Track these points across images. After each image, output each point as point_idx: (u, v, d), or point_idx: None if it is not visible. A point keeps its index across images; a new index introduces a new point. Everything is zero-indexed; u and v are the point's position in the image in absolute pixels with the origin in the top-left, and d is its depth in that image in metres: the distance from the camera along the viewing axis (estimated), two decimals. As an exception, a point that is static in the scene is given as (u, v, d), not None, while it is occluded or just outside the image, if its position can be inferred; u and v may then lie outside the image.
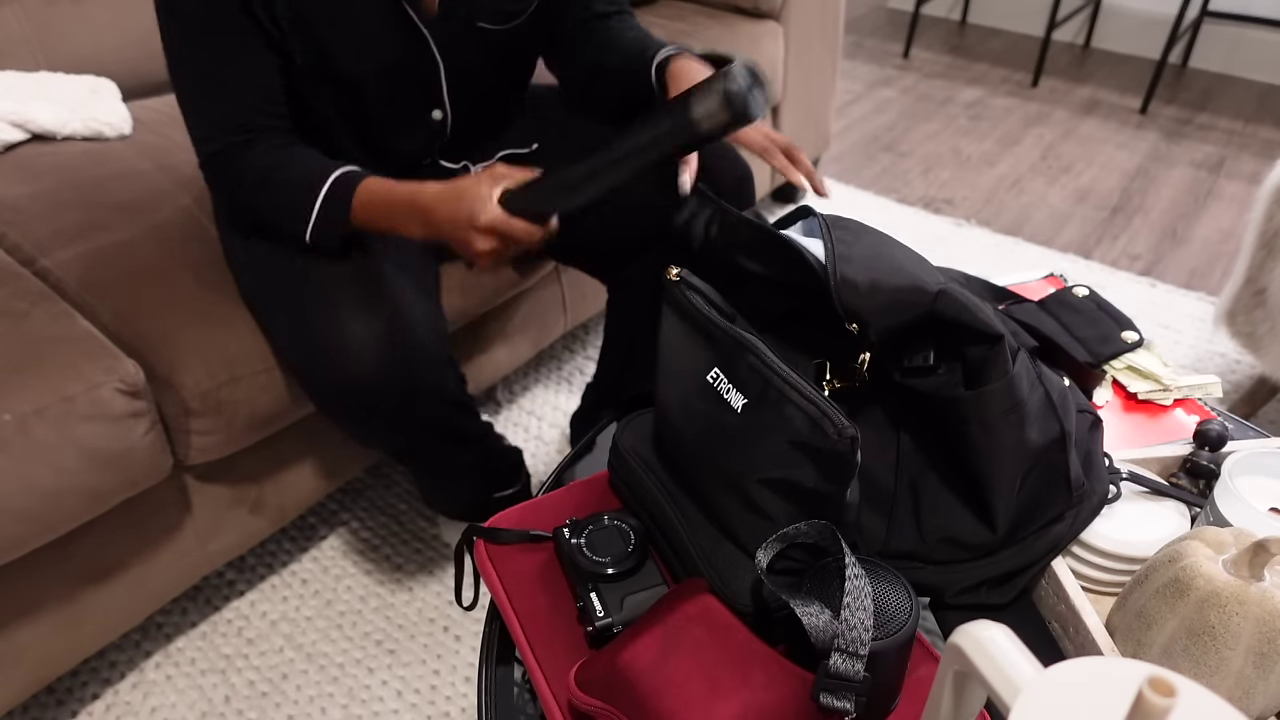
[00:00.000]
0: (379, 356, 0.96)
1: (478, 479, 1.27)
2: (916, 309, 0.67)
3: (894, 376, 0.70)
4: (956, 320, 0.66)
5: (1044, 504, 0.71)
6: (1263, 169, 2.50)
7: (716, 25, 1.84)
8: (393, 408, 1.01)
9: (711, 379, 0.69)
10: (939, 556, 0.71)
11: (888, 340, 0.68)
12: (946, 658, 0.45)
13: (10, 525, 0.91)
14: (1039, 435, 0.69)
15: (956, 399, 0.67)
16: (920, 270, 0.69)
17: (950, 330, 0.67)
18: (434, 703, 1.21)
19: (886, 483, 0.72)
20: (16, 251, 1.12)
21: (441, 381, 1.05)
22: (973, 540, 0.70)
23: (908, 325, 0.67)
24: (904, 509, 0.72)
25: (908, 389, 0.70)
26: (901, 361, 0.69)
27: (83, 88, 1.35)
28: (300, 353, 0.99)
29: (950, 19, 3.56)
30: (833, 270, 0.67)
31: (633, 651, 0.60)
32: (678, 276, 0.73)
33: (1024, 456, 0.68)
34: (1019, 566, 0.71)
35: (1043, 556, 0.71)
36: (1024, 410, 0.67)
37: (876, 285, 0.67)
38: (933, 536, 0.71)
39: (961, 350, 0.68)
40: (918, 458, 0.72)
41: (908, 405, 0.71)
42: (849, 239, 0.70)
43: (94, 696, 1.20)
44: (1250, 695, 0.58)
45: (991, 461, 0.67)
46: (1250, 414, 1.64)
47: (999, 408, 0.66)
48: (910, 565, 0.71)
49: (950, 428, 0.68)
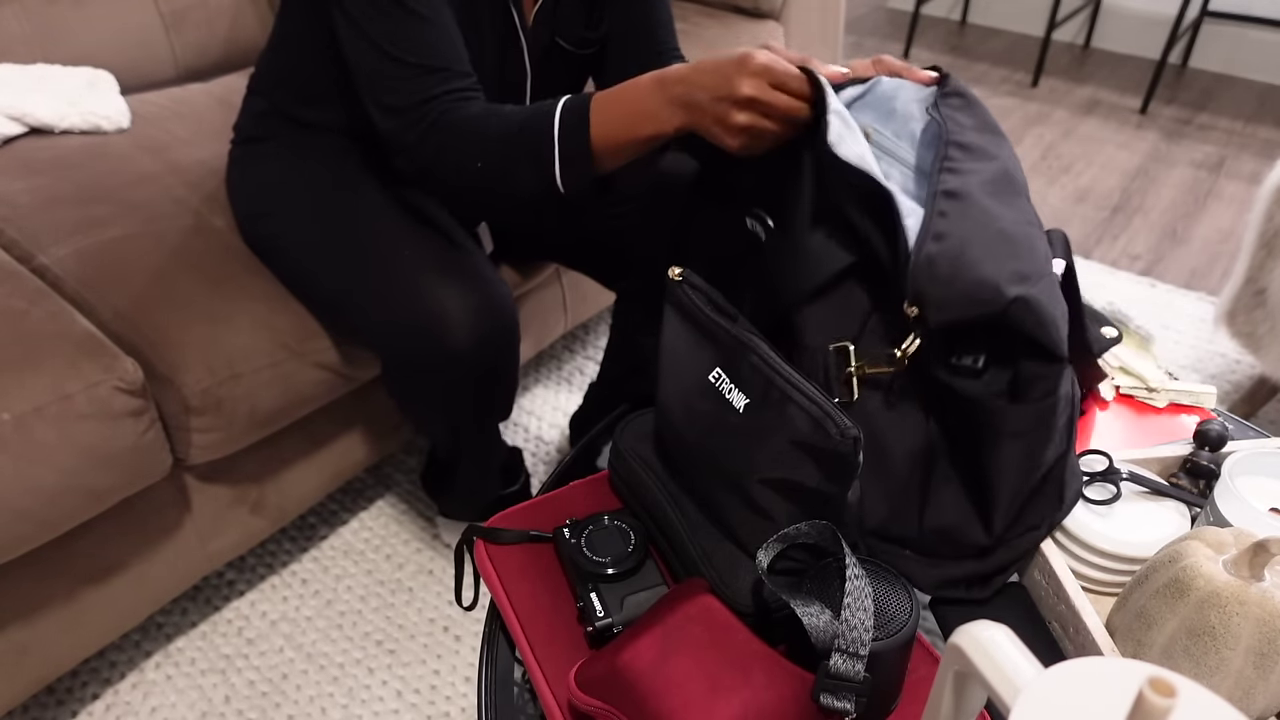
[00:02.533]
0: (476, 331, 0.97)
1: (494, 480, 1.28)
2: (987, 309, 0.61)
3: (935, 370, 0.65)
4: (1024, 333, 0.61)
5: (1036, 512, 0.71)
6: (1263, 169, 2.50)
7: (716, 25, 1.84)
8: (478, 381, 1.02)
9: (713, 379, 0.69)
10: (930, 549, 0.70)
11: (943, 332, 0.63)
12: (946, 658, 0.45)
13: (10, 524, 0.91)
14: (1053, 453, 0.68)
15: (996, 410, 0.63)
16: (1016, 258, 0.62)
17: (1011, 337, 0.62)
18: (434, 703, 1.21)
19: (903, 468, 0.69)
20: (14, 248, 1.12)
21: (517, 362, 1.07)
22: (967, 540, 0.70)
23: (971, 323, 0.62)
24: (913, 497, 0.70)
25: (943, 383, 0.65)
26: (949, 358, 0.65)
27: (80, 80, 1.35)
28: (392, 326, 0.99)
29: (950, 19, 3.56)
30: (919, 246, 0.61)
31: (633, 651, 0.60)
32: (680, 276, 0.73)
33: (1037, 471, 0.67)
34: (1003, 565, 0.71)
35: (1022, 556, 0.72)
36: (1053, 430, 0.65)
37: (958, 271, 0.61)
38: (931, 528, 0.70)
39: (1015, 358, 0.63)
40: (939, 449, 0.69)
41: (937, 395, 0.67)
42: (953, 209, 0.63)
43: (94, 696, 1.20)
44: (1250, 695, 0.58)
45: (1011, 474, 0.66)
46: (1250, 414, 1.64)
47: (1035, 425, 0.64)
48: (900, 552, 0.71)
49: (977, 431, 0.65)
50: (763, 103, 0.73)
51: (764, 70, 0.73)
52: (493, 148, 0.86)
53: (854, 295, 0.69)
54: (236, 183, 1.16)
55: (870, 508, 0.71)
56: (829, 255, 0.69)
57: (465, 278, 0.99)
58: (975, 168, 0.67)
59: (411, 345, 0.99)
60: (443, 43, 0.90)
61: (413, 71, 0.88)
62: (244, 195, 1.14)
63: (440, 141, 0.88)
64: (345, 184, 1.08)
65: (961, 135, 0.69)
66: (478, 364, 0.99)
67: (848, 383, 0.69)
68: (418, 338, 0.97)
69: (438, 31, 0.89)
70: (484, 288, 0.99)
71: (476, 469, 1.23)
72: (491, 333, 0.99)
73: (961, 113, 0.71)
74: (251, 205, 1.13)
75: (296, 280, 1.10)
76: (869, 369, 0.68)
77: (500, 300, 1.01)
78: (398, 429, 1.37)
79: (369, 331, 1.04)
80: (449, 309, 0.96)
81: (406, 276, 0.98)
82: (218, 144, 1.31)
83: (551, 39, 1.07)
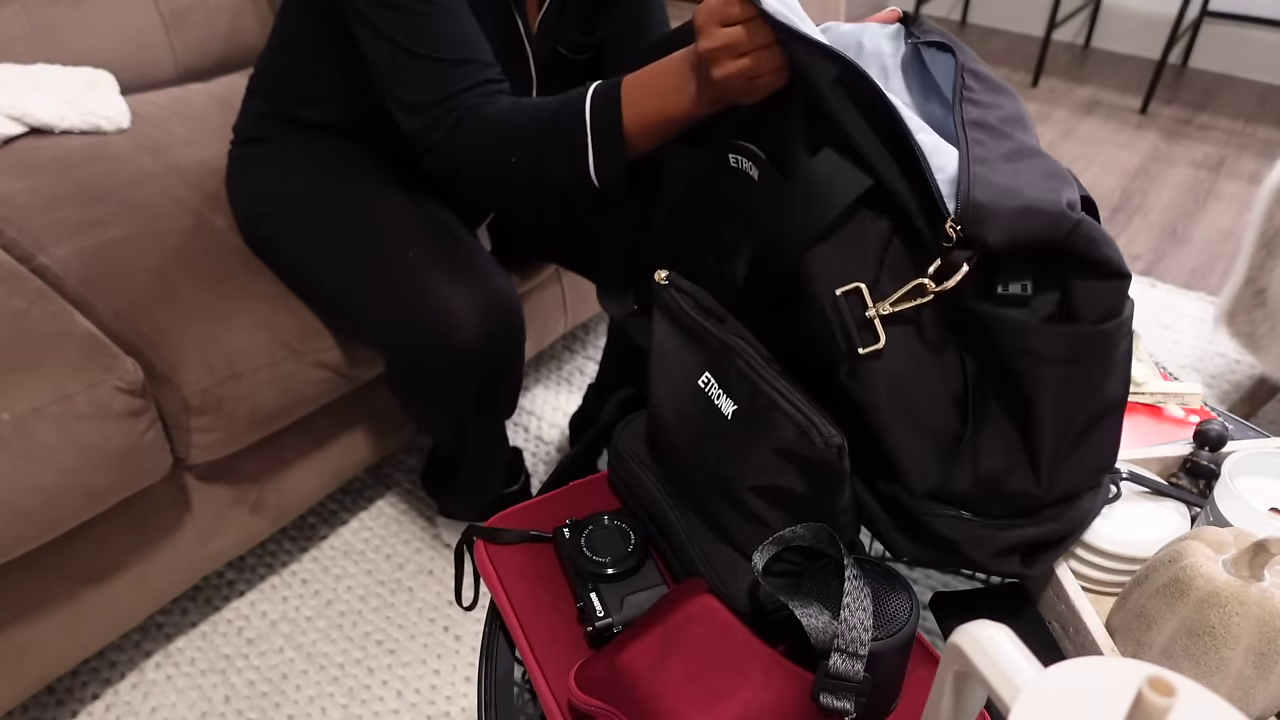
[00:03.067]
0: (482, 329, 0.97)
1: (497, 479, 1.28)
2: (1052, 231, 0.56)
3: (974, 303, 0.59)
4: (1087, 255, 0.56)
5: (1082, 468, 0.64)
6: (1263, 169, 2.50)
7: (716, 25, 1.83)
8: (483, 379, 1.02)
9: (703, 384, 0.68)
10: (983, 506, 0.64)
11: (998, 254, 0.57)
12: (946, 658, 0.45)
13: (10, 524, 0.91)
14: (1113, 390, 0.61)
15: (1048, 335, 0.57)
16: (1058, 184, 0.58)
17: (1063, 259, 0.57)
18: (434, 703, 1.21)
19: (951, 416, 0.63)
20: (14, 248, 1.12)
21: (522, 359, 1.06)
22: (1018, 488, 0.62)
23: (1028, 245, 0.56)
24: (967, 445, 0.63)
25: (978, 314, 0.59)
26: (995, 287, 0.58)
27: (80, 80, 1.35)
28: (398, 324, 0.99)
29: (950, 19, 3.56)
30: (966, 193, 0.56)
31: (633, 651, 0.60)
32: (666, 280, 0.72)
33: (1096, 410, 0.61)
34: (1053, 538, 0.66)
35: (1074, 530, 0.66)
36: (1113, 360, 0.59)
37: (1004, 203, 0.56)
38: (984, 477, 0.62)
39: (1065, 279, 0.58)
40: (982, 389, 0.62)
41: (969, 328, 0.61)
42: (985, 138, 0.59)
43: (94, 696, 1.20)
44: (1250, 695, 0.58)
45: (1057, 405, 0.59)
46: (1250, 414, 1.64)
47: (1093, 351, 0.58)
48: (955, 513, 0.64)
49: (1019, 360, 0.59)
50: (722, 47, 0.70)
51: (705, 18, 0.71)
52: (525, 143, 0.84)
53: (866, 227, 0.62)
54: (236, 183, 1.16)
55: (920, 468, 0.64)
56: (840, 184, 0.62)
57: (469, 275, 0.99)
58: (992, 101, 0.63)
59: (417, 344, 0.98)
60: (462, 33, 0.87)
61: (434, 66, 0.86)
62: (244, 195, 1.14)
63: (468, 139, 0.85)
64: (346, 183, 1.08)
65: (973, 64, 0.65)
66: (483, 361, 0.99)
67: (870, 327, 0.62)
68: (423, 336, 0.97)
69: (455, 22, 0.87)
70: (488, 285, 0.99)
71: (480, 467, 1.23)
72: (497, 330, 0.99)
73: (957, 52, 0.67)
74: (252, 205, 1.13)
75: (298, 280, 1.10)
76: (894, 305, 0.61)
77: (505, 297, 1.00)
78: (398, 428, 1.37)
79: (373, 331, 1.04)
80: (454, 307, 0.96)
81: (410, 275, 0.98)
82: (218, 144, 1.31)
83: (555, 47, 1.07)
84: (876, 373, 0.62)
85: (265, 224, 1.11)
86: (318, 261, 1.06)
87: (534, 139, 0.83)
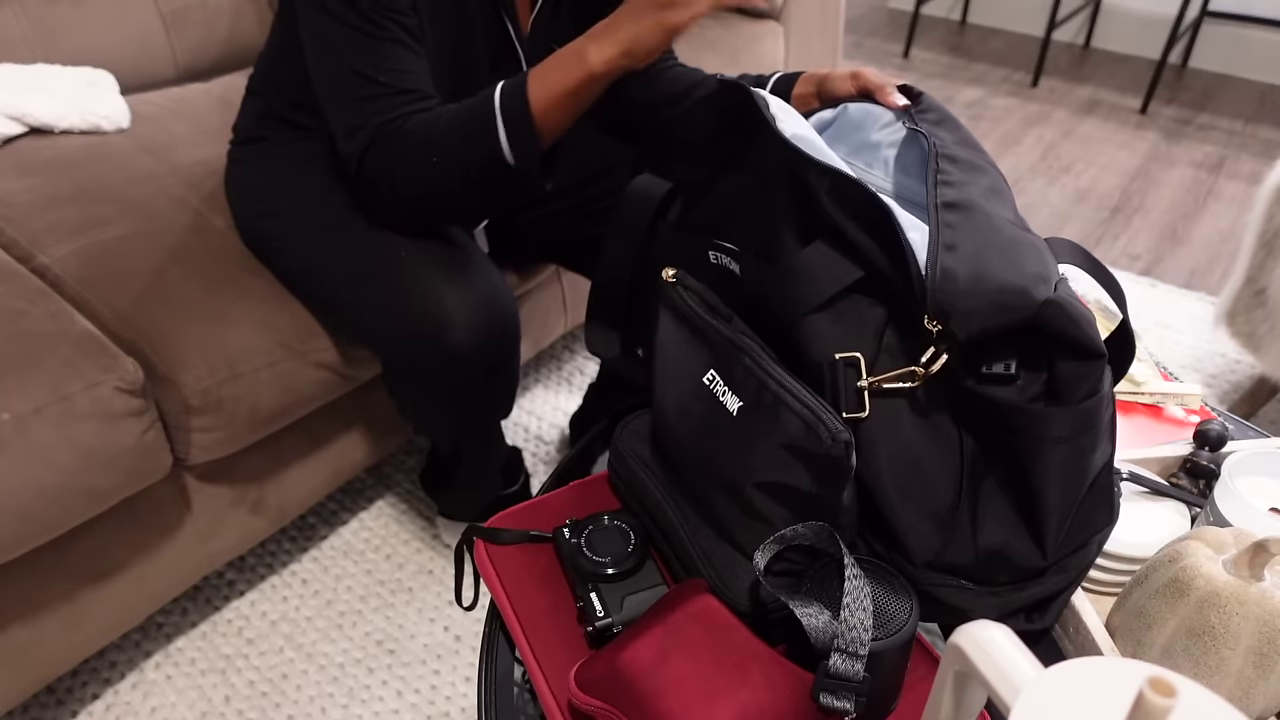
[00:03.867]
0: (476, 329, 0.97)
1: (495, 480, 1.28)
2: (1017, 314, 0.58)
3: (965, 382, 0.62)
4: (1061, 333, 0.58)
5: (1088, 524, 0.66)
6: (1263, 169, 2.50)
7: (716, 25, 1.84)
8: (479, 380, 1.02)
9: (707, 381, 0.69)
10: (987, 576, 0.65)
11: (972, 343, 0.60)
12: (946, 658, 0.45)
13: (10, 524, 0.91)
14: (1100, 457, 0.63)
15: (1036, 415, 0.59)
16: (1032, 262, 0.60)
17: (1045, 339, 0.59)
18: (434, 703, 1.21)
19: (947, 490, 0.65)
20: (14, 248, 1.12)
21: (517, 359, 1.06)
22: (1021, 562, 0.64)
23: (1000, 330, 0.59)
24: (964, 519, 0.65)
25: (974, 394, 0.61)
26: (979, 367, 0.61)
27: (80, 80, 1.35)
28: (391, 326, 0.99)
29: (950, 19, 3.56)
30: (932, 260, 0.58)
31: (633, 651, 0.60)
32: (673, 278, 0.73)
33: (1085, 477, 0.63)
34: (1059, 589, 0.67)
35: (1078, 577, 0.67)
36: (1099, 432, 0.62)
37: (980, 280, 0.58)
38: (984, 550, 0.64)
39: (1051, 360, 0.60)
40: (978, 464, 0.64)
41: (966, 406, 0.63)
42: (958, 220, 0.61)
43: (94, 696, 1.20)
44: (1250, 695, 0.58)
45: (1059, 484, 0.62)
46: (1250, 414, 1.64)
47: (1081, 428, 0.60)
48: (956, 583, 0.66)
49: (1018, 440, 0.61)
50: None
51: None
52: (443, 140, 0.89)
53: (864, 312, 0.65)
54: (236, 183, 1.16)
55: (919, 538, 0.65)
56: (831, 272, 0.65)
57: (465, 276, 0.99)
58: (968, 179, 0.65)
59: (412, 345, 0.98)
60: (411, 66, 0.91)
61: (372, 88, 0.90)
62: (244, 195, 1.14)
63: (393, 152, 0.90)
64: (344, 184, 1.08)
65: (948, 149, 0.67)
66: (479, 362, 0.99)
67: (860, 396, 0.64)
68: (417, 336, 0.97)
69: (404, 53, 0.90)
70: (484, 285, 0.99)
71: (478, 468, 1.23)
72: (491, 330, 0.99)
73: (941, 129, 0.70)
74: (251, 205, 1.13)
75: (296, 280, 1.10)
76: (886, 383, 0.64)
77: (500, 297, 1.00)
78: (398, 428, 1.37)
79: (369, 332, 1.04)
80: (449, 308, 0.96)
81: (406, 276, 0.98)
82: (218, 144, 1.31)
83: (549, 47, 1.07)
84: (877, 445, 0.64)
85: (264, 223, 1.11)
86: (315, 262, 1.06)
87: (451, 134, 0.89)
